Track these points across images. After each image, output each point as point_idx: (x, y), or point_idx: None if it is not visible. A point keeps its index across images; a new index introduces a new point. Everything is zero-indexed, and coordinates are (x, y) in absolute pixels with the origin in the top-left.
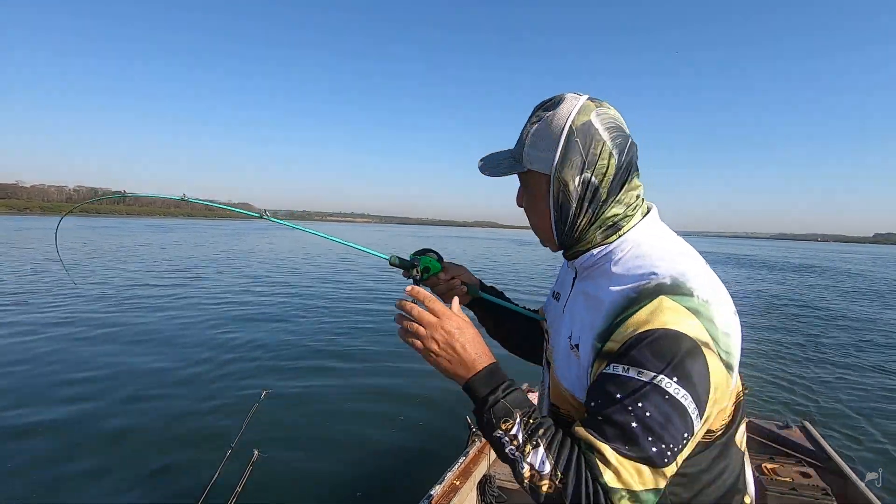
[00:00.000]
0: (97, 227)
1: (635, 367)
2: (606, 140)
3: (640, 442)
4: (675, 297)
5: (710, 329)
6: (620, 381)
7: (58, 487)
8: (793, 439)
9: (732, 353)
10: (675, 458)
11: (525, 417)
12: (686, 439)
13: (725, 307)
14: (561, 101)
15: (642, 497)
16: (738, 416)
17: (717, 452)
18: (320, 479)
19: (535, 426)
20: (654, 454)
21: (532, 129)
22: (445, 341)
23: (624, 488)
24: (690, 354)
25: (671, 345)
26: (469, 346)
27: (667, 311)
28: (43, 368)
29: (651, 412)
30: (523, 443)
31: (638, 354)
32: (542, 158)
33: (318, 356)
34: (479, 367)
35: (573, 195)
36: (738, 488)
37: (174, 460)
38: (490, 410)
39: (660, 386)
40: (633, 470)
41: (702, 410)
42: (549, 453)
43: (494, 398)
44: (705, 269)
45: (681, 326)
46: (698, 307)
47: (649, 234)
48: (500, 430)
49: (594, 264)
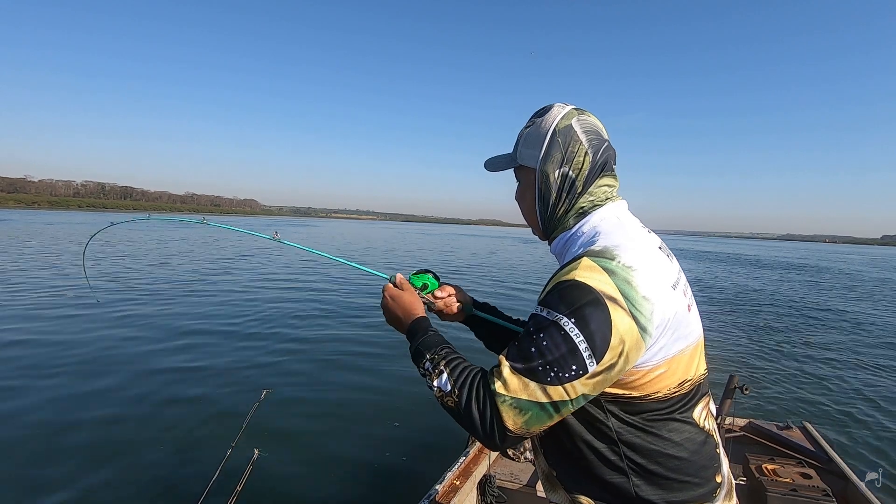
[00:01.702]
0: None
1: (546, 307)
2: (583, 141)
3: (530, 359)
4: (594, 257)
5: (623, 288)
6: (535, 318)
7: (58, 487)
8: (793, 440)
9: (648, 317)
10: (563, 383)
11: (432, 354)
12: (575, 371)
13: (655, 279)
14: (550, 109)
15: (524, 406)
16: (693, 393)
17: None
18: (320, 478)
19: (440, 359)
20: (539, 371)
21: (525, 131)
22: (389, 304)
23: (509, 395)
24: (592, 304)
25: (577, 293)
26: (401, 309)
27: (582, 267)
28: (33, 360)
29: (547, 342)
30: (431, 370)
31: (550, 298)
32: (530, 155)
33: (319, 356)
34: (407, 322)
35: (553, 186)
36: (702, 464)
37: (174, 459)
38: (413, 353)
39: (559, 323)
40: (520, 383)
41: (596, 353)
42: (450, 376)
43: (414, 345)
44: (645, 247)
45: (589, 280)
46: (614, 268)
47: (608, 219)
48: (420, 368)
49: (563, 248)
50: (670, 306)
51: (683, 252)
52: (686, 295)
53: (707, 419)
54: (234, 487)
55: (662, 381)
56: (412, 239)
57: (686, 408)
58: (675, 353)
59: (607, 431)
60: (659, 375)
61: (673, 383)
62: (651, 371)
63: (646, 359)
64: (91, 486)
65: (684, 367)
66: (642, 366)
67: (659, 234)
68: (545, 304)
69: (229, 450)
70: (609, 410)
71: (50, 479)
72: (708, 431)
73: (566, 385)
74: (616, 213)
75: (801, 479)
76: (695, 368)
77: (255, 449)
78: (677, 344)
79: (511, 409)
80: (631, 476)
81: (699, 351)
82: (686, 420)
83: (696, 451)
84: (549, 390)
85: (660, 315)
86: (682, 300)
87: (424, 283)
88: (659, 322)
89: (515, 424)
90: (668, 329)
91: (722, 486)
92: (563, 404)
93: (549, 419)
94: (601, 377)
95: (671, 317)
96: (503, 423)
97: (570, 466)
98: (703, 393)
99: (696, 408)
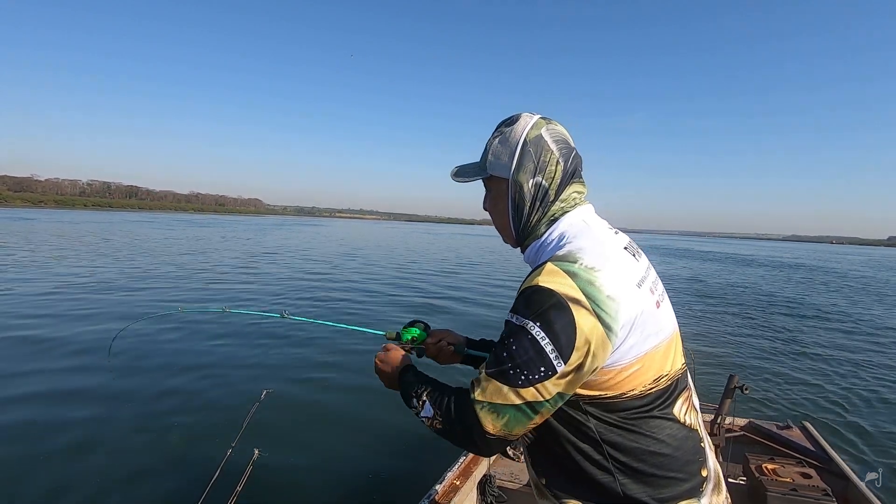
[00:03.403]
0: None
1: (515, 314)
2: (554, 150)
3: (502, 363)
4: (558, 262)
5: (586, 289)
6: (507, 323)
7: (57, 487)
8: (793, 440)
9: (613, 316)
10: (533, 384)
11: (415, 390)
12: (543, 373)
13: (619, 278)
14: (518, 119)
15: (501, 409)
16: (671, 389)
17: (643, 418)
18: (321, 478)
19: (422, 391)
20: (511, 374)
21: (494, 141)
22: (380, 367)
23: (486, 400)
24: (555, 307)
25: (540, 297)
26: (389, 366)
27: (545, 272)
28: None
29: (516, 346)
30: (417, 404)
31: (518, 304)
32: (501, 165)
33: (320, 357)
34: (394, 376)
35: (527, 195)
36: (686, 459)
37: (174, 459)
38: (403, 397)
39: (525, 328)
40: (495, 388)
41: (563, 354)
42: (432, 402)
43: (401, 390)
44: (609, 248)
45: (551, 284)
46: (577, 271)
47: (575, 224)
48: (411, 408)
49: (535, 256)
50: (636, 304)
51: (684, 252)
52: (654, 292)
53: (689, 413)
54: (234, 487)
55: (637, 379)
56: (427, 240)
57: (665, 404)
58: (647, 349)
59: (589, 433)
60: (633, 373)
61: (648, 380)
62: (624, 369)
63: (617, 357)
64: (91, 487)
65: (658, 362)
66: (614, 365)
67: (660, 236)
68: (514, 311)
69: (229, 450)
70: (588, 412)
71: (50, 480)
72: (690, 426)
73: (537, 386)
74: (582, 216)
75: (801, 478)
76: (670, 363)
77: (256, 449)
78: (649, 341)
79: (489, 414)
80: (617, 475)
81: (674, 346)
82: (667, 416)
83: (679, 446)
84: (522, 392)
85: (626, 314)
86: (650, 297)
87: (412, 336)
88: (625, 320)
89: (495, 427)
90: (637, 327)
91: (708, 480)
92: (540, 405)
93: (529, 420)
94: (571, 377)
95: (637, 314)
96: (482, 427)
97: (559, 472)
98: (683, 387)
99: (676, 403)
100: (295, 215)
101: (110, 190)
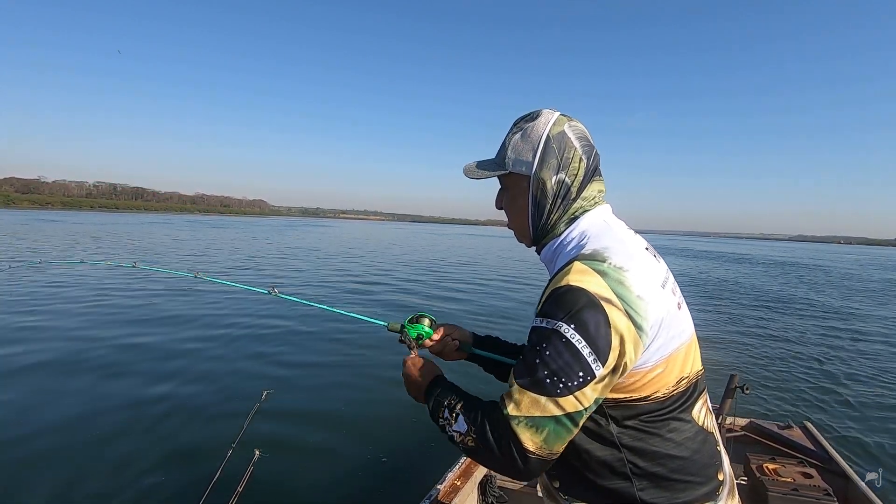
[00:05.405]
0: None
1: (545, 317)
2: (577, 147)
3: (537, 373)
4: (586, 261)
5: (617, 289)
6: (535, 329)
7: (58, 489)
8: (794, 439)
9: (644, 316)
10: (573, 392)
11: (448, 401)
12: (582, 378)
13: (646, 277)
14: (539, 115)
15: (540, 423)
16: (690, 391)
17: (664, 420)
18: (321, 479)
19: (455, 403)
20: (548, 384)
21: (514, 137)
22: (406, 373)
23: (522, 415)
24: (588, 306)
25: (572, 298)
26: (414, 374)
27: (574, 271)
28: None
29: (550, 351)
30: (449, 417)
31: (547, 306)
32: (523, 161)
33: (320, 357)
34: (423, 385)
35: (550, 192)
36: (704, 463)
37: (175, 460)
38: (430, 410)
39: (558, 331)
40: (531, 400)
41: (600, 355)
42: (466, 417)
43: (430, 403)
44: (633, 248)
45: (583, 283)
46: (606, 270)
47: (596, 223)
48: (440, 419)
49: (553, 255)
50: (662, 305)
51: (685, 252)
52: (675, 294)
53: (706, 417)
54: (234, 488)
55: (661, 381)
56: (426, 240)
57: (685, 406)
58: (671, 351)
59: (608, 437)
60: (658, 375)
61: (671, 381)
62: (650, 371)
63: (645, 359)
64: (91, 487)
65: (680, 364)
66: (642, 367)
67: (664, 236)
68: (543, 314)
69: (230, 450)
70: (610, 416)
71: (50, 480)
72: (707, 429)
73: (577, 394)
74: (602, 216)
75: (801, 478)
76: (690, 365)
77: (256, 449)
78: (672, 342)
79: (527, 429)
80: (634, 480)
81: (693, 348)
82: (686, 419)
83: (698, 449)
84: (561, 402)
85: (654, 314)
86: (672, 299)
87: (419, 333)
88: (654, 321)
89: (535, 444)
90: (663, 328)
91: (724, 484)
92: (579, 415)
93: (569, 433)
94: (608, 380)
95: (664, 315)
96: (522, 446)
97: (572, 476)
98: (701, 390)
99: (695, 406)
100: (299, 216)
101: (116, 191)
